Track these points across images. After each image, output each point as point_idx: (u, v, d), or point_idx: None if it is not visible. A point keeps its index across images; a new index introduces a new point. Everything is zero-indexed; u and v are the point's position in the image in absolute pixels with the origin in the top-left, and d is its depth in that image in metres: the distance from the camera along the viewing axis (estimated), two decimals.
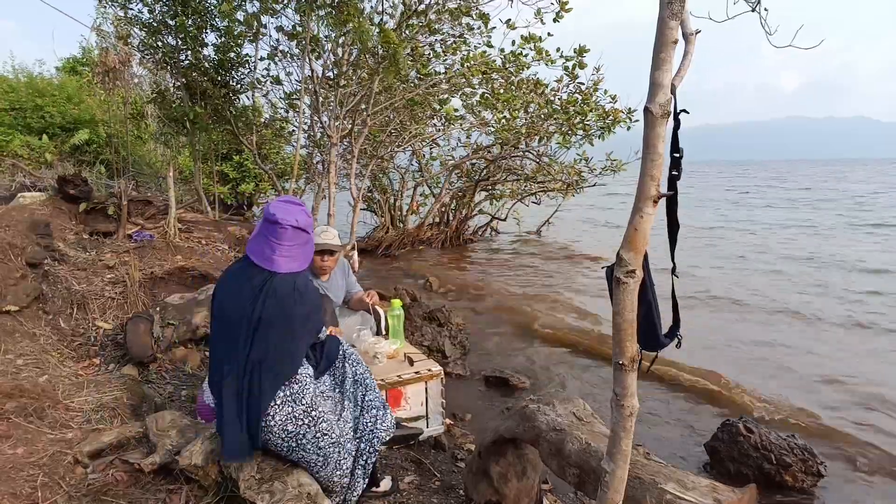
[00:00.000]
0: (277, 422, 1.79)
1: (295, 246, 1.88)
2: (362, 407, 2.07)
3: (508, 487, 2.14)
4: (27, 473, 2.02)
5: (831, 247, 10.85)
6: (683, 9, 1.05)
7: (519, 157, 10.32)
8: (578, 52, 7.13)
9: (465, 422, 3.48)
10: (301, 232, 1.89)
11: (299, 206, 1.96)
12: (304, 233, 1.91)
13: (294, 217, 1.87)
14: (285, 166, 9.22)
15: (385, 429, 2.06)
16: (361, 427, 2.02)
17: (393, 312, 3.10)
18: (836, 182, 36.08)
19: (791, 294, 7.09)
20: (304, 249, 1.94)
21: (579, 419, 1.90)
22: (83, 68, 10.61)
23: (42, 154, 7.41)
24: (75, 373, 3.02)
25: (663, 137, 1.10)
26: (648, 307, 1.32)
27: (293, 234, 1.87)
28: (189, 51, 5.35)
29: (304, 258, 1.94)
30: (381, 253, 10.54)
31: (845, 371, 4.51)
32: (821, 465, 2.93)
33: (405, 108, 7.07)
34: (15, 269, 3.50)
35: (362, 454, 2.01)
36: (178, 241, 5.21)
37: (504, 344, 5.27)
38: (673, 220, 1.31)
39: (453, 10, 5.78)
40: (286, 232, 1.85)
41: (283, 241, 1.86)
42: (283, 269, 1.85)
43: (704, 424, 3.62)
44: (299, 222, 1.87)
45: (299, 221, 1.88)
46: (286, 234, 1.86)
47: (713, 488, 1.45)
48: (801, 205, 20.36)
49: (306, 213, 1.94)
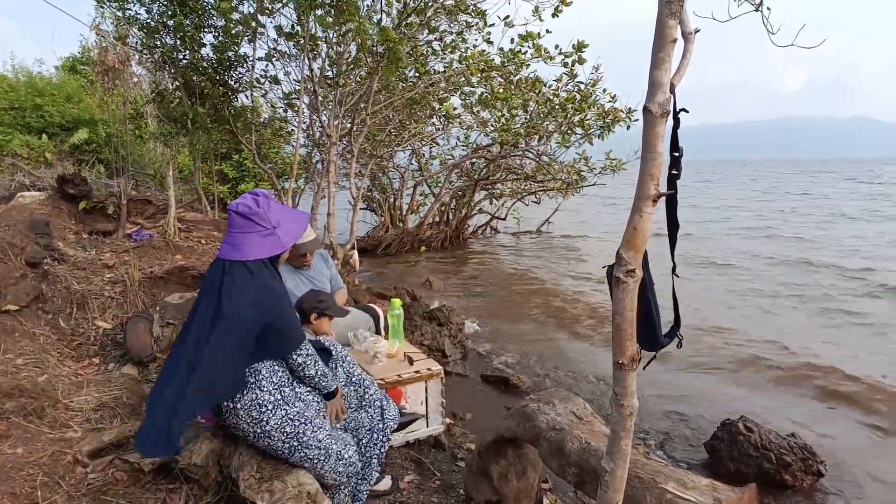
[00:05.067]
0: (274, 425, 1.80)
1: (241, 234, 1.83)
2: (365, 404, 2.13)
3: (508, 487, 2.14)
4: (27, 473, 2.02)
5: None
6: (682, 8, 1.05)
7: (518, 157, 10.31)
8: (577, 47, 7.11)
9: (465, 421, 3.48)
10: (244, 219, 1.83)
11: (252, 194, 1.90)
12: (247, 220, 1.84)
13: (236, 204, 1.86)
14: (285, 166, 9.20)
15: (392, 418, 2.14)
16: (369, 421, 2.08)
17: (393, 312, 3.10)
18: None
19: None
20: (251, 238, 1.83)
21: (579, 418, 1.90)
22: (83, 67, 10.60)
23: (41, 153, 7.40)
24: (75, 372, 3.02)
25: (662, 136, 1.10)
26: (648, 306, 1.32)
27: (236, 219, 1.84)
28: (187, 50, 5.33)
29: (254, 248, 1.83)
30: (380, 252, 10.54)
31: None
32: (820, 465, 2.93)
33: (404, 107, 7.06)
34: (14, 269, 3.50)
35: (375, 445, 2.08)
36: (177, 241, 5.20)
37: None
38: (673, 220, 1.31)
39: (450, 7, 5.77)
40: (230, 217, 1.86)
41: (231, 228, 1.86)
42: (224, 254, 1.82)
43: (705, 424, 3.62)
44: (239, 207, 1.84)
45: (239, 206, 1.84)
46: (232, 221, 1.85)
47: (713, 487, 1.45)
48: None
49: (255, 203, 1.86)
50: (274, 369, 1.86)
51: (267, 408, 1.80)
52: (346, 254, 5.29)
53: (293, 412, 1.83)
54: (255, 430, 1.81)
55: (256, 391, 1.80)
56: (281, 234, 1.89)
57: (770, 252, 10.36)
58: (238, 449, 1.93)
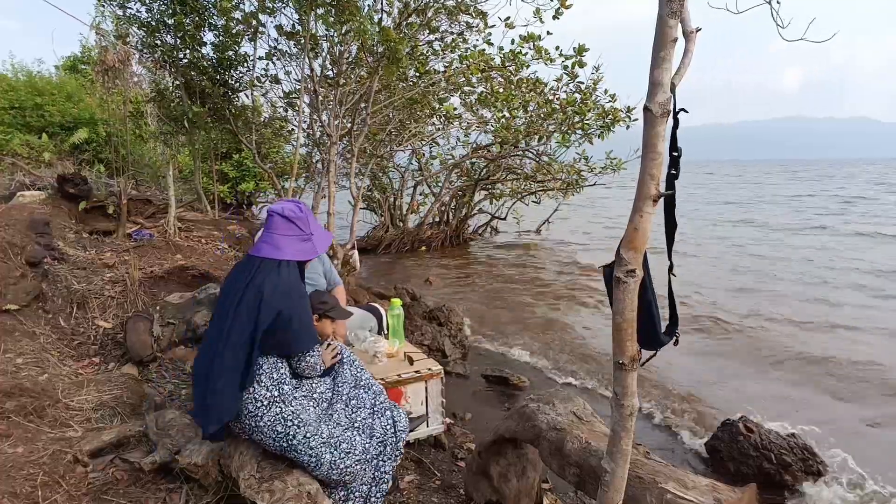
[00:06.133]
0: (267, 422, 1.81)
1: (280, 236, 1.95)
2: (375, 411, 2.09)
3: (508, 487, 2.14)
4: (27, 472, 2.01)
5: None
6: (683, 7, 1.05)
7: (519, 157, 10.31)
8: (578, 50, 7.13)
9: (465, 421, 3.48)
10: (287, 221, 1.97)
11: (293, 202, 2.06)
12: (290, 223, 1.97)
13: (281, 206, 2.00)
14: (285, 165, 9.21)
15: (402, 429, 2.13)
16: (381, 431, 2.05)
17: (393, 312, 3.10)
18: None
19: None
20: (290, 241, 1.96)
21: (579, 418, 1.90)
22: (84, 67, 10.61)
23: (41, 153, 7.40)
24: (75, 372, 3.02)
25: (663, 136, 1.10)
26: (648, 306, 1.31)
27: (279, 222, 1.97)
28: (188, 49, 5.33)
29: (291, 249, 1.95)
30: (380, 252, 10.54)
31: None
32: (820, 465, 2.94)
33: (404, 106, 7.06)
34: (15, 268, 3.50)
35: (388, 459, 2.06)
36: (177, 240, 5.20)
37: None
38: (671, 219, 1.31)
39: (451, 7, 5.78)
40: (272, 219, 1.98)
41: (270, 230, 1.97)
42: (263, 252, 1.93)
43: (705, 423, 3.62)
44: (284, 211, 1.97)
45: (284, 210, 1.98)
46: (273, 222, 1.97)
47: (713, 487, 1.45)
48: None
49: (299, 208, 2.01)
50: (276, 366, 1.88)
51: (262, 403, 1.82)
52: (346, 254, 5.29)
53: (287, 412, 1.83)
54: (250, 424, 1.83)
55: (255, 385, 1.83)
56: (315, 242, 2.03)
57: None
58: (238, 449, 1.93)
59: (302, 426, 1.83)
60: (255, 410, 1.81)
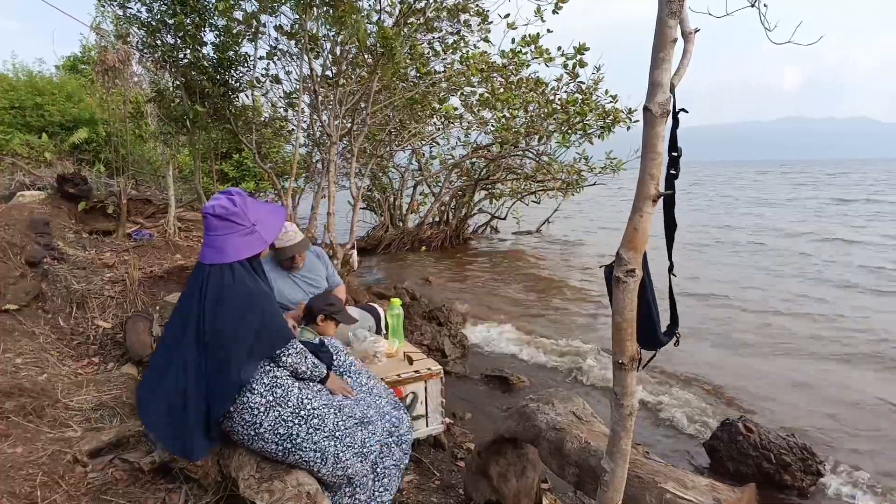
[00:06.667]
0: (267, 427, 1.78)
1: (219, 237, 1.80)
2: (381, 412, 2.08)
3: (508, 487, 2.14)
4: (26, 472, 2.01)
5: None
6: (682, 7, 1.05)
7: (519, 157, 10.32)
8: (578, 50, 7.13)
9: (464, 421, 3.48)
10: (221, 220, 1.80)
11: (225, 194, 1.85)
12: (225, 221, 1.80)
13: (212, 204, 1.81)
14: (285, 165, 9.21)
15: (406, 431, 2.11)
16: (386, 429, 2.04)
17: (392, 312, 3.10)
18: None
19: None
20: (231, 239, 1.80)
21: (579, 418, 1.90)
22: (84, 66, 10.61)
23: (41, 153, 7.40)
24: (75, 372, 3.02)
25: (663, 136, 1.10)
26: (648, 306, 1.32)
27: (214, 222, 1.80)
28: (188, 49, 5.33)
29: (234, 248, 1.80)
30: (380, 252, 10.54)
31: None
32: (820, 465, 2.94)
33: (404, 106, 7.06)
34: (14, 268, 3.50)
35: (395, 466, 2.05)
36: (177, 240, 5.21)
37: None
38: (670, 219, 1.31)
39: (451, 7, 5.77)
40: (207, 220, 1.81)
41: (209, 232, 1.82)
42: (206, 259, 1.79)
43: (704, 423, 3.62)
44: (216, 209, 1.79)
45: (216, 208, 1.80)
46: (208, 223, 1.81)
47: (712, 487, 1.45)
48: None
49: (232, 202, 1.82)
50: (266, 369, 1.82)
51: (259, 410, 1.77)
52: (345, 253, 5.29)
53: (286, 413, 1.80)
54: (248, 433, 1.79)
55: (247, 394, 1.77)
56: (262, 231, 1.86)
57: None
58: (238, 449, 1.93)
59: (303, 422, 1.81)
60: (253, 419, 1.77)
